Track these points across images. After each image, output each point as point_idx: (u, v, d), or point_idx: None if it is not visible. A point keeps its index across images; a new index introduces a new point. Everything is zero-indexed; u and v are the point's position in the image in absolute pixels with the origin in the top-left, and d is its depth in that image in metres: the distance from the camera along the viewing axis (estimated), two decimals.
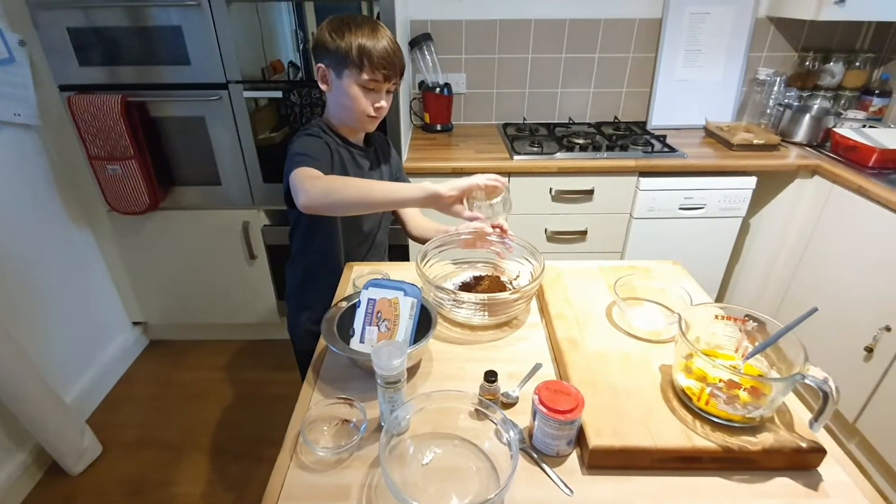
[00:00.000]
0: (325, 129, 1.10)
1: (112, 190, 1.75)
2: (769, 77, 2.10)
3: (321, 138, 1.07)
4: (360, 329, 0.84)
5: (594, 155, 1.86)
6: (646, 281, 0.99)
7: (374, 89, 1.04)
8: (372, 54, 1.00)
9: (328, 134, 1.10)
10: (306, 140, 1.05)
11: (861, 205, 1.61)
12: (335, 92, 1.07)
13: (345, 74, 1.03)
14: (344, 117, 1.10)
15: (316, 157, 1.00)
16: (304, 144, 1.03)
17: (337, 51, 1.01)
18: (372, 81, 1.02)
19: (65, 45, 1.59)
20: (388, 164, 1.26)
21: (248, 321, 2.14)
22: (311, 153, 1.00)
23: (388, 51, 1.01)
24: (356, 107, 1.05)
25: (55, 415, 1.55)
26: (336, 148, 1.09)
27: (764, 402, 0.67)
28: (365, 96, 1.04)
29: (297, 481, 0.66)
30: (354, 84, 1.03)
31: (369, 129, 1.14)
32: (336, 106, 1.10)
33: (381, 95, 1.06)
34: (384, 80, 1.03)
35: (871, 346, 1.56)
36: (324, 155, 1.03)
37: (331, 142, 1.08)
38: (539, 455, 0.70)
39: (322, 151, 1.04)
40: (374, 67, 1.00)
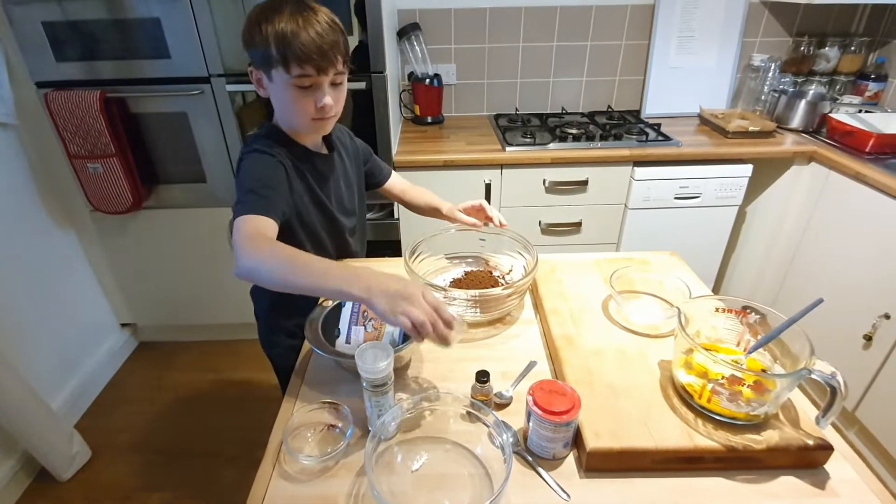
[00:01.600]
0: (276, 138, 0.94)
1: (94, 189, 1.70)
2: (764, 63, 2.06)
3: (272, 156, 0.90)
4: (346, 329, 0.81)
5: (588, 145, 1.82)
6: (643, 273, 0.96)
7: (312, 86, 0.86)
8: (293, 45, 0.81)
9: (280, 144, 0.93)
10: (254, 162, 0.89)
11: (858, 190, 1.59)
12: (273, 97, 0.90)
13: (273, 75, 0.85)
14: (289, 124, 0.94)
15: (263, 193, 0.85)
16: (251, 171, 0.88)
17: (258, 47, 0.83)
18: (304, 78, 0.84)
19: (40, 40, 1.54)
20: (353, 161, 1.12)
21: (238, 321, 2.10)
22: (257, 188, 0.85)
23: (316, 36, 0.81)
24: (296, 111, 0.88)
25: (42, 421, 1.51)
26: (290, 161, 0.93)
27: (768, 399, 0.64)
28: (302, 98, 0.86)
29: (281, 492, 0.63)
30: (287, 86, 0.85)
31: (323, 133, 0.97)
32: (279, 112, 0.94)
33: (324, 91, 0.86)
34: (319, 73, 0.84)
35: (869, 333, 1.54)
36: (274, 179, 0.88)
37: (285, 154, 0.92)
38: (534, 458, 0.67)
39: (272, 175, 0.88)
40: (301, 61, 0.82)
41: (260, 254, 0.75)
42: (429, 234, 1.04)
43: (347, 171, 1.09)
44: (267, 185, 0.86)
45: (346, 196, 1.07)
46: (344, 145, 1.10)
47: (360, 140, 1.18)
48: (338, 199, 1.05)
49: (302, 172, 0.96)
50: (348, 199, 1.09)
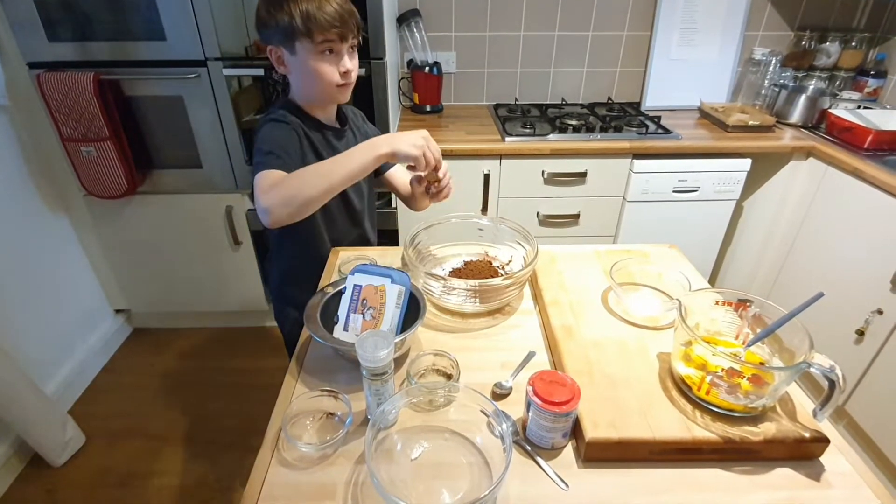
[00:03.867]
0: (292, 110, 1.00)
1: (87, 173, 1.68)
2: (765, 57, 2.06)
3: (287, 123, 0.97)
4: (345, 316, 0.80)
5: (587, 136, 1.81)
6: (642, 266, 0.96)
7: (335, 51, 0.94)
8: (318, 17, 0.89)
9: (295, 116, 1.00)
10: (271, 129, 0.96)
11: (855, 187, 1.59)
12: (295, 71, 0.97)
13: (297, 49, 0.93)
14: (312, 95, 1.00)
15: (279, 154, 0.91)
16: (268, 136, 0.95)
17: (280, 25, 0.91)
18: (327, 42, 0.92)
19: (32, 19, 1.50)
20: (363, 136, 1.15)
21: (234, 308, 2.09)
22: (274, 148, 0.91)
23: (337, 6, 0.91)
24: (322, 79, 0.95)
25: (35, 407, 1.50)
26: (305, 131, 1.00)
27: (766, 391, 0.65)
28: (327, 64, 0.94)
29: (279, 480, 0.63)
30: (311, 55, 0.93)
31: (344, 100, 1.03)
32: (300, 86, 1.00)
33: (344, 56, 0.95)
34: (341, 40, 0.93)
35: (862, 329, 1.56)
36: (290, 145, 0.95)
37: (298, 125, 0.99)
38: (533, 448, 0.67)
39: (288, 141, 0.95)
40: (325, 28, 0.90)
41: (285, 186, 0.83)
42: (428, 223, 1.03)
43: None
44: (283, 148, 0.93)
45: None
46: (356, 125, 1.14)
47: (371, 125, 1.21)
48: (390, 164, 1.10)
49: (313, 143, 1.01)
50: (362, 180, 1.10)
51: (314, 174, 0.83)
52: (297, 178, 0.83)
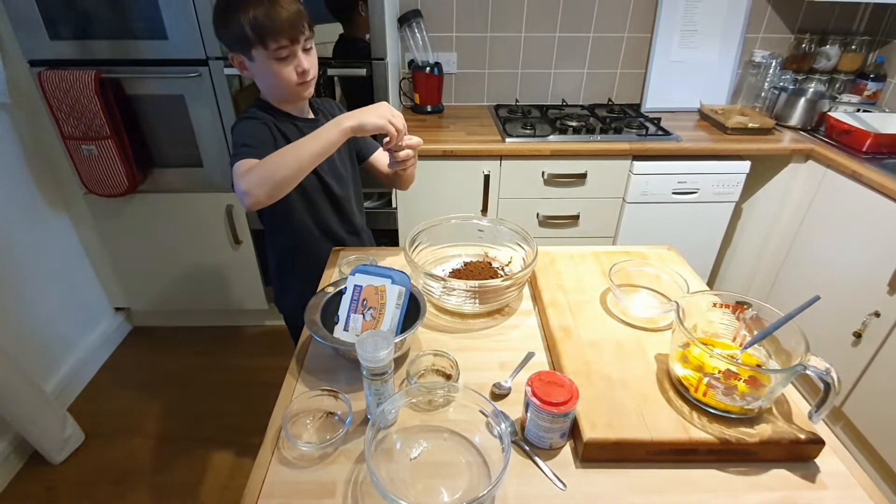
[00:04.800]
0: (263, 108, 1.05)
1: (88, 171, 1.68)
2: (765, 59, 2.06)
3: (259, 119, 1.02)
4: (345, 316, 0.81)
5: (587, 138, 1.82)
6: (641, 267, 0.97)
7: (289, 55, 0.97)
8: (264, 24, 0.92)
9: (268, 113, 1.05)
10: (244, 126, 1.01)
11: (854, 190, 1.60)
12: (257, 75, 1.01)
13: (254, 55, 0.97)
14: (277, 95, 1.05)
15: (253, 144, 0.95)
16: (241, 131, 1.00)
17: (233, 35, 0.95)
18: (281, 49, 0.95)
19: (34, 17, 1.50)
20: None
21: (234, 307, 2.10)
22: (248, 140, 0.96)
23: (283, 11, 0.93)
24: (280, 82, 0.99)
25: (35, 404, 1.50)
26: (278, 125, 1.04)
27: (763, 393, 0.65)
28: (283, 67, 0.97)
29: (280, 478, 0.63)
30: (267, 60, 0.96)
31: (307, 96, 1.07)
32: (264, 87, 1.05)
33: (298, 56, 0.98)
34: (292, 43, 0.95)
35: (859, 331, 1.56)
36: (262, 136, 0.99)
37: (270, 120, 1.03)
38: (531, 448, 0.68)
39: (260, 133, 0.99)
40: (276, 35, 0.93)
41: (259, 168, 0.88)
42: (428, 224, 1.03)
43: None
44: (256, 139, 0.98)
45: (337, 161, 1.14)
46: (330, 113, 1.16)
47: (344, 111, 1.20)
48: (329, 163, 1.10)
49: (287, 137, 1.04)
50: (340, 164, 1.15)
51: (285, 154, 0.88)
52: (270, 160, 0.88)
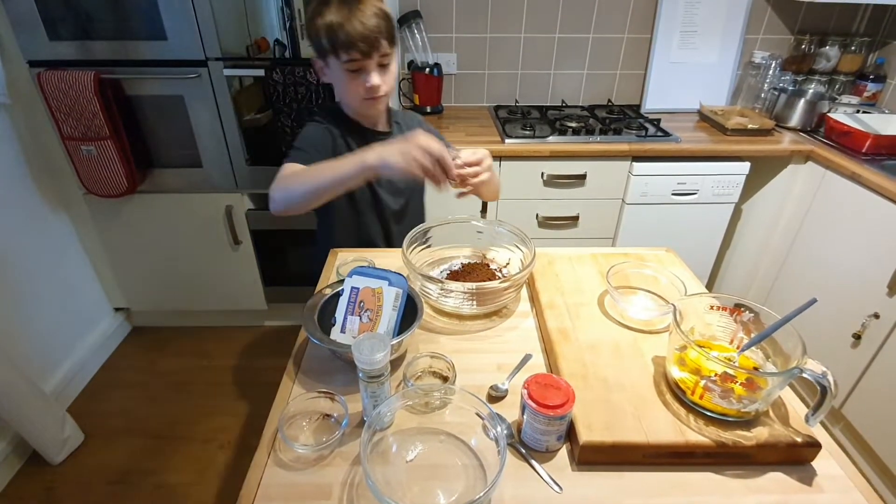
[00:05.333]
0: (332, 113, 1.06)
1: (87, 172, 1.68)
2: (764, 60, 2.06)
3: (323, 125, 1.03)
4: (342, 318, 0.81)
5: (587, 139, 1.82)
6: (639, 269, 0.97)
7: (360, 69, 0.96)
8: (338, 34, 0.91)
9: (337, 119, 1.05)
10: (306, 129, 1.03)
11: (854, 191, 1.60)
12: (332, 82, 1.02)
13: (329, 63, 0.97)
14: (347, 105, 1.06)
15: (305, 149, 0.97)
16: (302, 134, 1.02)
17: (314, 39, 0.96)
18: (352, 62, 0.94)
19: (33, 17, 1.51)
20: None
21: (233, 308, 2.10)
22: (302, 145, 0.98)
23: (359, 24, 0.91)
24: (348, 92, 0.99)
25: (34, 404, 1.50)
26: (341, 135, 1.04)
27: (759, 396, 0.65)
28: (353, 80, 0.97)
29: (275, 480, 0.63)
30: (339, 70, 0.96)
31: (373, 112, 1.07)
32: (337, 95, 1.06)
33: (371, 73, 0.97)
34: (364, 57, 0.94)
35: (859, 332, 1.56)
36: (319, 144, 0.99)
37: (335, 129, 1.03)
38: (528, 450, 0.68)
39: (317, 140, 1.00)
40: (348, 47, 0.92)
41: (287, 180, 0.90)
42: (426, 225, 1.03)
43: None
44: (311, 144, 0.99)
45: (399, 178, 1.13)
46: (408, 127, 1.16)
47: (432, 128, 1.23)
48: (388, 178, 1.11)
49: (350, 147, 1.05)
50: (402, 182, 1.15)
51: (308, 174, 0.88)
52: (298, 176, 0.89)
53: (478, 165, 0.92)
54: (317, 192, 0.87)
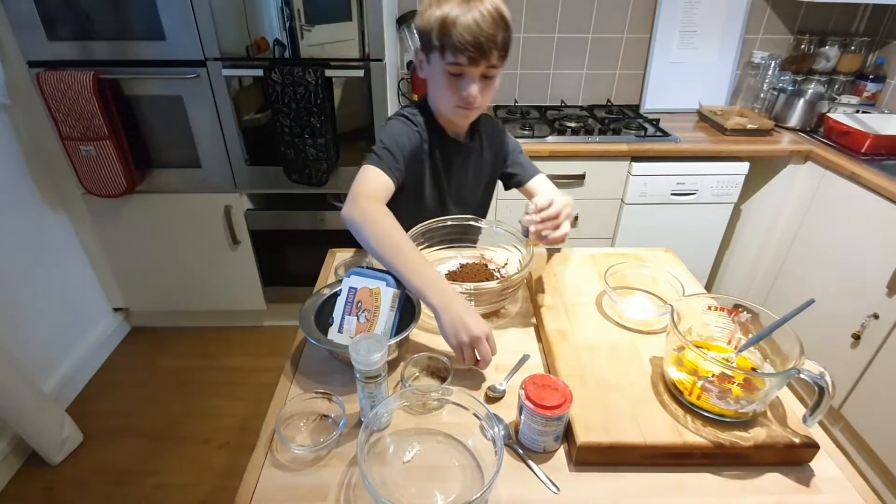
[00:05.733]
0: (424, 113, 1.00)
1: (86, 172, 1.68)
2: (764, 60, 2.06)
3: (413, 126, 0.97)
4: (340, 318, 0.81)
5: (586, 139, 1.82)
6: (637, 269, 0.97)
7: (461, 74, 0.88)
8: (451, 32, 0.83)
9: (424, 117, 0.99)
10: (396, 126, 0.97)
11: (853, 191, 1.60)
12: (428, 79, 0.95)
13: (431, 59, 0.90)
14: (436, 106, 0.99)
15: (388, 149, 0.91)
16: (389, 130, 0.95)
17: (424, 31, 0.88)
18: (456, 66, 0.86)
19: (32, 18, 1.51)
20: (494, 156, 1.13)
21: (232, 308, 2.10)
22: (387, 144, 0.92)
23: (475, 27, 0.83)
24: (443, 96, 0.93)
25: (33, 404, 1.50)
26: (426, 139, 0.99)
27: (757, 397, 0.65)
28: (451, 84, 0.89)
29: (272, 482, 0.63)
30: (440, 69, 0.89)
31: (462, 122, 1.01)
32: (430, 93, 0.99)
33: (472, 81, 0.88)
34: (470, 64, 0.86)
35: (858, 332, 1.56)
36: (403, 145, 0.94)
37: (423, 131, 0.98)
38: (525, 451, 0.67)
39: (402, 140, 0.95)
40: (455, 50, 0.84)
41: (370, 217, 0.83)
42: (425, 227, 1.03)
43: (482, 164, 1.11)
44: (399, 147, 0.94)
45: (468, 188, 1.11)
46: (490, 138, 1.11)
47: (511, 138, 1.18)
48: (457, 187, 1.08)
49: (432, 151, 1.01)
50: (470, 191, 1.12)
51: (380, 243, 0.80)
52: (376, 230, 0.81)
53: (555, 218, 0.87)
54: (374, 255, 0.82)
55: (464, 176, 1.10)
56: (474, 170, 1.11)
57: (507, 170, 1.17)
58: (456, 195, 1.10)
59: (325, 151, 1.68)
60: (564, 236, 0.89)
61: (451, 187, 1.09)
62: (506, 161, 1.16)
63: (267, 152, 1.74)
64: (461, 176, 1.09)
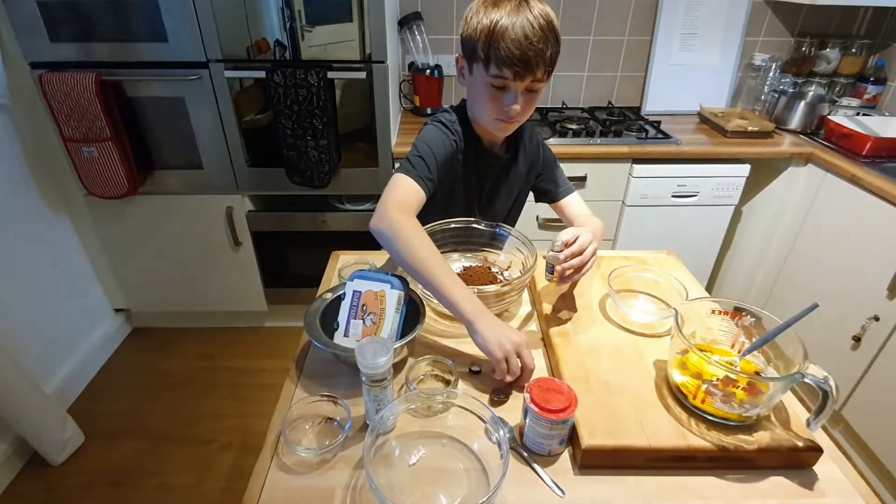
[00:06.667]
0: (462, 121, 0.98)
1: (88, 173, 1.68)
2: (765, 62, 2.07)
3: (450, 135, 0.95)
4: (345, 322, 0.81)
5: (587, 141, 1.82)
6: (640, 272, 0.97)
7: (504, 87, 0.86)
8: (498, 47, 0.80)
9: (461, 126, 0.97)
10: (432, 133, 0.94)
11: (853, 193, 1.60)
12: (469, 87, 0.93)
13: (474, 69, 0.88)
14: (475, 116, 0.97)
15: (427, 162, 0.89)
16: (426, 137, 0.93)
17: (467, 37, 0.86)
18: (499, 79, 0.84)
19: (35, 19, 1.50)
20: (528, 168, 1.10)
21: (234, 309, 2.10)
22: (421, 153, 0.90)
23: (524, 41, 0.80)
24: (483, 107, 0.91)
25: (35, 405, 1.50)
26: (461, 149, 0.97)
27: (761, 401, 0.65)
28: (492, 96, 0.87)
29: (278, 484, 0.63)
30: (482, 80, 0.87)
31: (500, 136, 0.98)
32: (470, 102, 0.96)
33: (515, 95, 0.86)
34: (515, 78, 0.83)
35: (858, 335, 1.56)
36: (437, 153, 0.92)
37: (459, 140, 0.96)
38: (530, 454, 0.68)
39: (437, 149, 0.92)
40: (501, 63, 0.82)
41: (401, 229, 0.81)
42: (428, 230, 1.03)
43: (516, 177, 1.09)
44: (433, 156, 0.91)
45: (500, 201, 1.10)
46: (525, 149, 1.09)
47: (549, 149, 1.15)
48: (489, 200, 1.07)
49: (468, 161, 1.00)
50: (501, 204, 1.10)
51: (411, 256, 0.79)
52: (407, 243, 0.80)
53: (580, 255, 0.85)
54: (403, 267, 0.81)
55: (496, 188, 1.08)
56: (507, 183, 1.09)
57: (540, 184, 1.14)
58: (486, 207, 1.08)
59: (327, 153, 1.68)
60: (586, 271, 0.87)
61: (483, 198, 1.08)
62: (539, 175, 1.13)
63: (268, 154, 1.74)
64: (493, 188, 1.08)
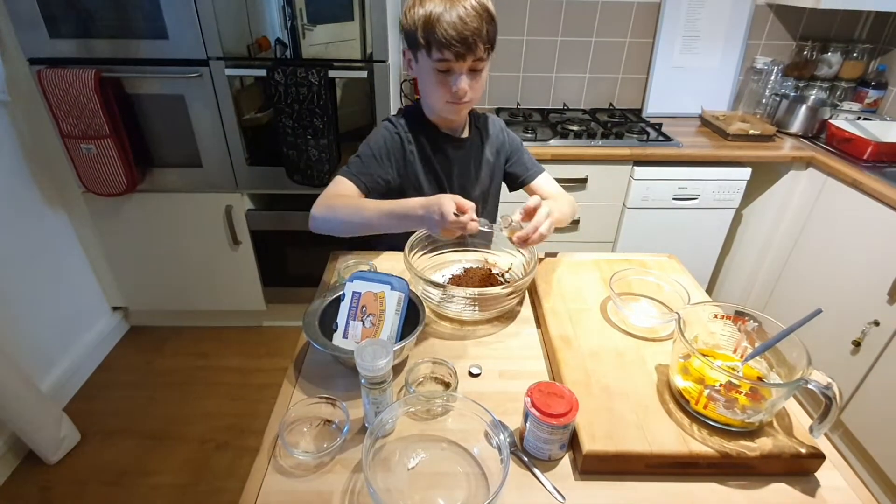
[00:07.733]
0: (410, 115, 1.02)
1: (87, 170, 1.67)
2: (766, 66, 2.06)
3: (392, 129, 0.99)
4: (344, 323, 0.80)
5: (588, 142, 1.81)
6: (642, 276, 0.96)
7: (449, 71, 0.89)
8: (435, 31, 0.84)
9: (412, 120, 1.01)
10: (374, 133, 0.99)
11: (854, 198, 1.60)
12: (418, 77, 0.96)
13: (418, 57, 0.91)
14: (428, 106, 1.00)
15: (364, 160, 0.94)
16: (369, 138, 0.98)
17: (409, 30, 0.89)
18: (442, 62, 0.87)
19: (34, 15, 1.50)
20: (496, 153, 1.12)
21: (232, 308, 2.09)
22: (361, 154, 0.96)
23: (459, 22, 0.84)
24: (433, 93, 0.93)
25: (30, 403, 1.49)
26: (410, 139, 1.00)
27: (764, 406, 0.65)
28: (440, 81, 0.91)
29: (275, 487, 0.63)
30: (427, 67, 0.90)
31: (455, 118, 1.01)
32: (421, 93, 0.99)
33: (460, 76, 0.90)
34: (457, 59, 0.87)
35: (858, 339, 1.56)
36: (381, 152, 0.96)
37: (403, 132, 1.00)
38: (530, 459, 0.67)
39: (379, 150, 0.97)
40: (441, 46, 0.85)
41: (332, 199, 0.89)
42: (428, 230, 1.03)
43: (484, 161, 1.11)
44: (372, 155, 0.97)
45: (472, 184, 1.10)
46: (490, 135, 1.12)
47: (512, 135, 1.17)
48: (461, 184, 1.08)
49: (423, 148, 1.02)
50: (474, 190, 1.11)
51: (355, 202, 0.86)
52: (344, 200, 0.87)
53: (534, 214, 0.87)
54: (354, 226, 0.86)
55: (465, 170, 1.10)
56: (476, 166, 1.10)
57: (509, 169, 1.16)
58: (459, 190, 1.09)
59: (328, 152, 1.67)
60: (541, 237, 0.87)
61: (454, 183, 1.09)
62: (508, 160, 1.16)
63: (268, 152, 1.74)
64: (462, 170, 1.10)
